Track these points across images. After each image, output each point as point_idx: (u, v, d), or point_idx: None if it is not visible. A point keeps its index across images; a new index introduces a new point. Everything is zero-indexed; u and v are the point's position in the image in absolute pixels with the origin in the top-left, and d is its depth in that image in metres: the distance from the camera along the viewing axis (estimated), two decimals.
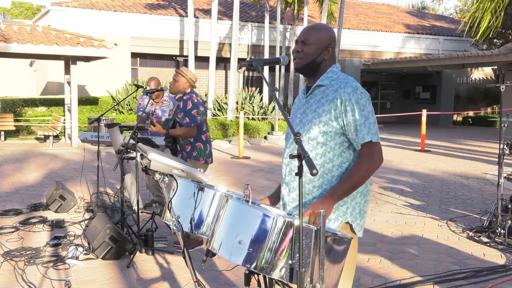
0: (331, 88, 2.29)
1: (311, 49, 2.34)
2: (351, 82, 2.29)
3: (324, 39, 2.34)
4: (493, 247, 5.09)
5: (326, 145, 2.27)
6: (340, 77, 2.33)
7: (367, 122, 2.23)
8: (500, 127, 5.58)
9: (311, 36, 2.34)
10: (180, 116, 4.91)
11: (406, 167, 10.66)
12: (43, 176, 9.11)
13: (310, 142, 2.29)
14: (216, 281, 4.15)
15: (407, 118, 24.44)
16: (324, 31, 2.37)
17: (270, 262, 1.87)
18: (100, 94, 18.84)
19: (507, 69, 18.72)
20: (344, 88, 2.25)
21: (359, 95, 2.24)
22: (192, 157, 4.96)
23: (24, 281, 4.09)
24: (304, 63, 2.36)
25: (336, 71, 2.37)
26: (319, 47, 2.33)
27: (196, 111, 4.88)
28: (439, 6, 44.87)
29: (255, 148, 14.33)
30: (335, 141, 2.27)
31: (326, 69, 2.37)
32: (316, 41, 2.34)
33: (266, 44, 19.02)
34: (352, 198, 2.31)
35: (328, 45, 2.35)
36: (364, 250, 4.98)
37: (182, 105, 4.93)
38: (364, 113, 2.23)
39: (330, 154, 2.27)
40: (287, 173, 2.38)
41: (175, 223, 2.41)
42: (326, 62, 2.36)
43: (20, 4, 50.13)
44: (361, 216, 2.36)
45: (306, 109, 2.36)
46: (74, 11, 19.47)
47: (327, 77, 2.34)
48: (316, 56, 2.34)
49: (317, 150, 2.28)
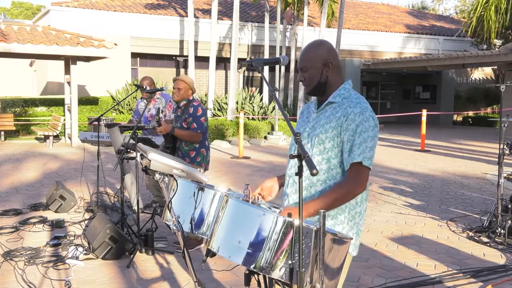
0: (342, 106, 2.28)
1: (311, 73, 2.34)
2: (362, 102, 2.27)
3: (317, 57, 2.32)
4: (493, 247, 5.09)
5: (330, 162, 2.26)
6: (351, 96, 2.32)
7: (364, 145, 2.20)
8: (500, 127, 5.58)
9: (306, 60, 2.34)
10: (189, 120, 5.00)
11: (406, 167, 10.66)
12: (43, 176, 9.11)
13: (315, 157, 2.28)
14: (216, 281, 4.15)
15: (407, 118, 24.44)
16: (315, 49, 2.34)
17: (270, 262, 1.87)
18: (100, 94, 18.84)
19: (507, 69, 18.71)
20: (353, 108, 2.24)
21: (366, 118, 2.23)
22: (196, 162, 5.03)
23: (24, 281, 4.09)
24: (311, 87, 2.37)
25: (348, 88, 2.36)
26: (317, 67, 2.32)
27: (204, 118, 5.04)
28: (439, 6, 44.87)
29: (255, 148, 14.33)
30: (339, 159, 2.26)
31: (334, 84, 2.36)
32: (311, 64, 2.33)
33: (266, 44, 19.02)
34: (351, 218, 2.30)
35: (325, 61, 2.33)
36: (364, 250, 4.98)
37: (192, 110, 5.02)
38: (364, 136, 2.20)
39: (333, 172, 2.27)
40: (289, 184, 2.38)
41: (175, 223, 2.41)
42: (331, 77, 2.35)
43: (20, 4, 50.13)
44: (357, 236, 2.35)
45: (315, 123, 2.35)
46: (74, 11, 19.47)
47: (339, 94, 2.33)
48: (319, 77, 2.33)
49: (322, 165, 2.27)
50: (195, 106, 5.05)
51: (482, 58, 18.14)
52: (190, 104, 5.09)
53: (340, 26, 18.55)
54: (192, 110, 5.02)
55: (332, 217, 2.27)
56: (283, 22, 20.43)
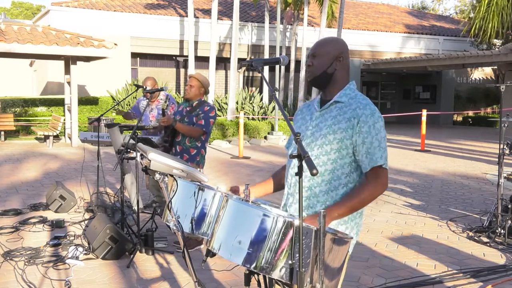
0: (350, 107, 2.27)
1: (321, 60, 2.32)
2: (370, 104, 2.28)
3: (333, 49, 2.32)
4: (493, 247, 5.09)
5: (336, 162, 2.25)
6: (358, 96, 2.31)
7: (380, 147, 2.21)
8: (500, 127, 5.58)
9: (320, 48, 2.33)
10: (200, 116, 4.96)
11: (406, 167, 10.66)
12: (43, 176, 9.11)
13: (321, 157, 2.27)
14: (216, 281, 4.15)
15: (407, 118, 24.44)
16: (333, 43, 2.35)
17: (270, 262, 1.87)
18: (100, 94, 18.84)
19: (507, 69, 18.72)
20: (363, 110, 2.24)
21: (376, 119, 2.24)
22: (195, 161, 5.00)
23: (24, 281, 4.09)
24: (315, 75, 2.34)
25: (353, 88, 2.36)
26: (329, 57, 2.31)
27: (213, 121, 5.02)
28: (439, 6, 44.83)
29: (255, 148, 14.33)
30: (345, 160, 2.25)
31: (340, 81, 2.35)
32: (325, 52, 2.32)
33: (266, 44, 19.03)
34: (353, 218, 2.31)
35: (339, 55, 2.32)
36: (364, 250, 4.98)
37: (207, 109, 4.97)
38: (378, 137, 2.22)
39: (338, 172, 2.26)
40: (291, 184, 2.37)
41: (175, 223, 2.41)
42: (338, 73, 2.34)
43: (20, 4, 50.13)
44: (356, 235, 2.36)
45: (319, 123, 2.32)
46: (74, 11, 19.47)
47: (345, 94, 2.32)
48: (327, 67, 2.32)
49: (327, 166, 2.26)
50: (210, 107, 5.01)
51: (482, 58, 18.15)
52: (204, 103, 5.03)
53: (340, 26, 18.55)
54: (207, 109, 4.98)
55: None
56: (283, 22, 20.44)
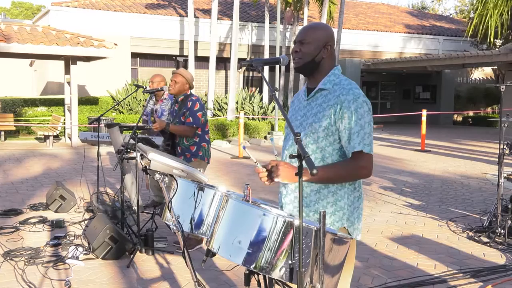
0: (334, 94, 2.27)
1: (309, 48, 2.32)
2: (354, 89, 2.27)
3: (321, 37, 2.33)
4: (493, 247, 5.09)
5: (325, 150, 2.27)
6: (342, 82, 2.31)
7: (362, 132, 2.21)
8: (500, 127, 5.58)
9: (308, 35, 2.33)
10: (187, 114, 4.99)
11: (406, 167, 10.66)
12: (43, 176, 9.11)
13: (309, 146, 2.29)
14: (216, 281, 4.15)
15: (407, 118, 24.43)
16: (321, 29, 2.35)
17: (270, 262, 1.87)
18: (100, 94, 18.84)
19: (507, 69, 18.73)
20: (346, 95, 2.24)
21: (360, 104, 2.23)
22: (198, 156, 5.03)
23: (24, 281, 4.09)
24: (303, 62, 2.34)
25: (338, 74, 2.36)
26: (317, 45, 2.32)
27: (201, 113, 5.02)
28: (439, 6, 44.86)
29: (255, 148, 14.33)
30: (333, 147, 2.27)
31: (326, 69, 2.36)
32: (313, 40, 2.32)
33: (266, 44, 19.02)
34: (350, 203, 2.31)
35: (326, 43, 2.33)
36: (364, 250, 4.98)
37: (190, 105, 5.01)
38: (360, 122, 2.21)
39: (328, 160, 2.27)
40: None
41: (175, 223, 2.41)
42: (325, 61, 2.35)
43: (20, 4, 50.12)
44: (358, 220, 2.35)
45: (307, 111, 2.35)
46: (74, 11, 19.46)
47: (329, 81, 2.33)
48: (314, 55, 2.33)
49: (316, 154, 2.28)
50: (193, 101, 5.04)
51: (482, 58, 18.14)
52: (188, 98, 5.08)
53: (340, 26, 18.55)
54: (190, 105, 5.01)
55: (332, 204, 2.28)
56: (283, 22, 20.43)
